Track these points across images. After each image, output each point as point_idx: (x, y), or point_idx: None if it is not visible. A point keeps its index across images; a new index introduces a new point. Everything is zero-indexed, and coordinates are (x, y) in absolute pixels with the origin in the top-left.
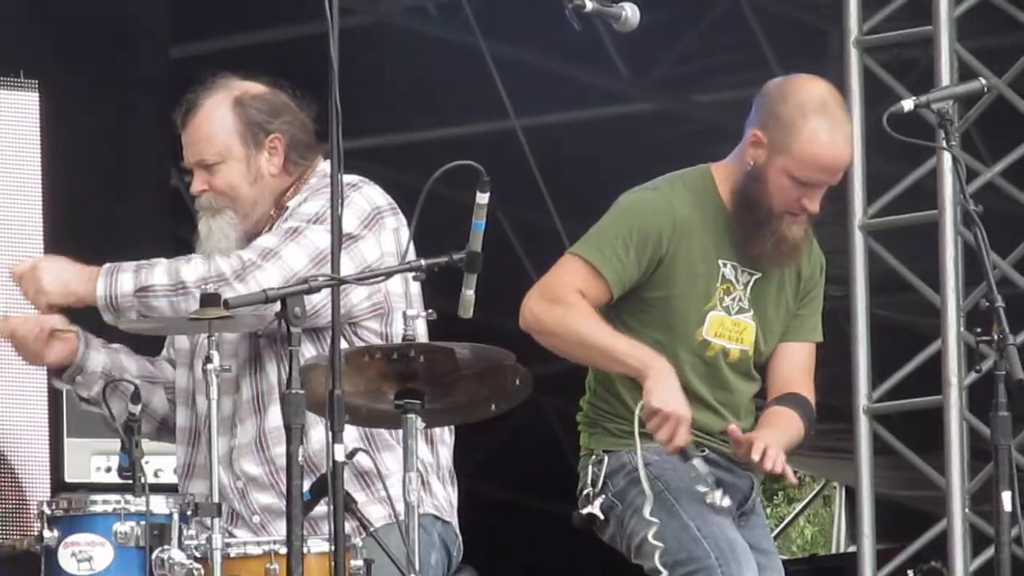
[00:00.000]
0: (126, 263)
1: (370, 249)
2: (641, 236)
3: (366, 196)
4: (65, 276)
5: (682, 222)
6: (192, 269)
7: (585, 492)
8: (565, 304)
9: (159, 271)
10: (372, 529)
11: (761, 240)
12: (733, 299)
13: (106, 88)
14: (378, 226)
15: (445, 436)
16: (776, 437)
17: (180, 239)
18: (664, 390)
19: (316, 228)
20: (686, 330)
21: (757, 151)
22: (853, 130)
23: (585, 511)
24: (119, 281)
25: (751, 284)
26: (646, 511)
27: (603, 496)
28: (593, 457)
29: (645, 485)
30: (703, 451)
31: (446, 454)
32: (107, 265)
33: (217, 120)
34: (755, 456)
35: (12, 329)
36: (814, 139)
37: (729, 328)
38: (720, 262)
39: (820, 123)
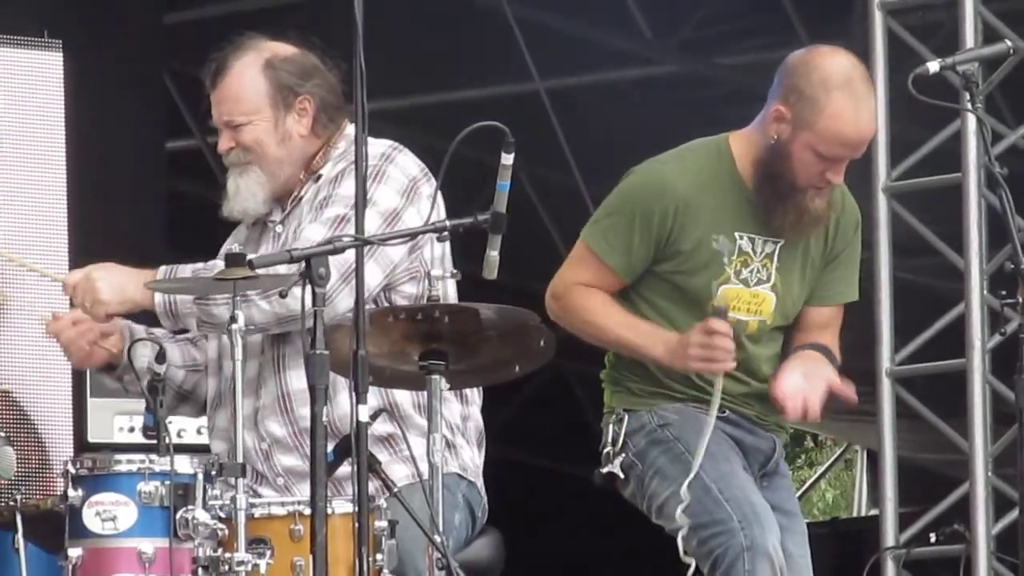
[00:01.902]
0: (182, 266)
1: (412, 220)
2: (644, 219)
3: (401, 168)
4: (120, 283)
5: (686, 199)
6: None
7: (606, 451)
8: (573, 295)
9: None
10: (396, 490)
11: (783, 212)
12: (751, 271)
13: (121, 49)
14: (416, 196)
15: (475, 396)
16: (811, 378)
17: (178, 192)
18: (678, 350)
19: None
20: (698, 302)
21: (781, 126)
22: (876, 102)
23: (605, 470)
24: None
25: (776, 252)
26: (667, 472)
27: (623, 455)
28: (614, 416)
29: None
30: (723, 412)
31: (475, 414)
32: (162, 268)
33: (247, 81)
34: (793, 415)
35: (57, 331)
36: (838, 116)
37: (747, 300)
38: (736, 235)
39: (844, 99)
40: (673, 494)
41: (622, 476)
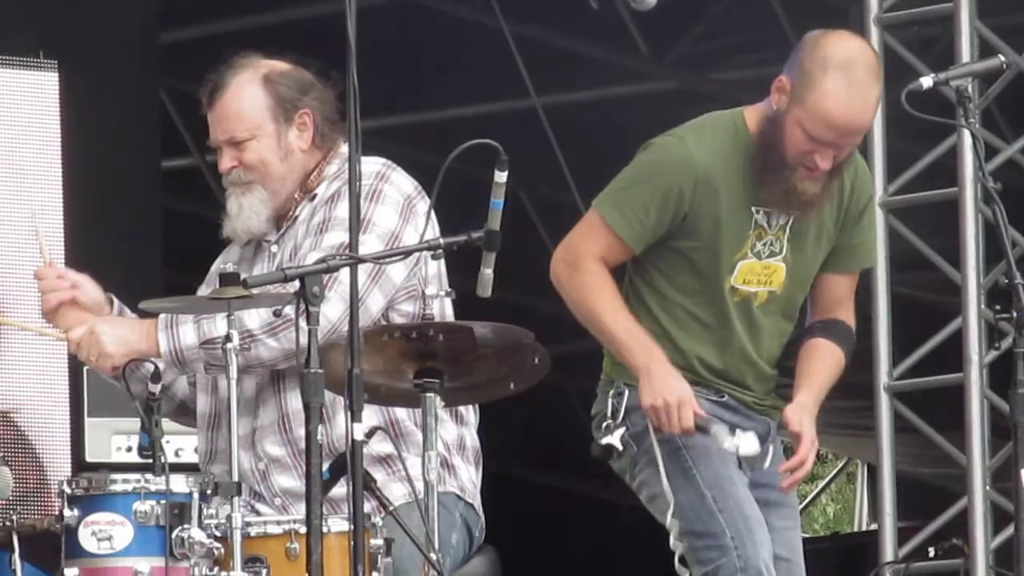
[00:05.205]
0: (183, 316)
1: (409, 239)
2: (663, 194)
3: (396, 186)
4: (124, 335)
5: (705, 174)
6: (255, 316)
7: (605, 423)
8: (583, 272)
9: (221, 321)
10: (392, 508)
11: (771, 185)
12: (764, 244)
13: (117, 68)
14: (412, 214)
15: (470, 416)
16: (813, 404)
17: (174, 210)
18: (654, 384)
19: (365, 239)
20: (716, 278)
21: (780, 96)
22: (878, 95)
23: (604, 440)
24: (181, 334)
25: (789, 224)
26: (661, 469)
27: (623, 429)
28: (613, 388)
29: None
30: (723, 396)
31: (471, 434)
32: (162, 317)
33: (247, 97)
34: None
35: (39, 275)
36: (828, 95)
37: (759, 273)
38: (753, 209)
39: (838, 80)
40: (663, 492)
41: (620, 449)
